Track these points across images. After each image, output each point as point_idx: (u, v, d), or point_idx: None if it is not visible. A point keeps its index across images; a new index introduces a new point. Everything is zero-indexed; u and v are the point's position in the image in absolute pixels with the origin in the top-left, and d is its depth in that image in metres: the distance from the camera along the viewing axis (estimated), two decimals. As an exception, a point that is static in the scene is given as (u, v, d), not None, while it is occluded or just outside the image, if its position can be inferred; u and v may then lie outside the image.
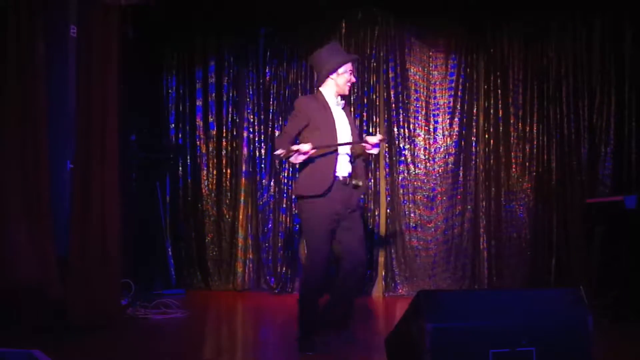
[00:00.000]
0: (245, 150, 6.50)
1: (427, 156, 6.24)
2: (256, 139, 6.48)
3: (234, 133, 6.58)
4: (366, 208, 6.22)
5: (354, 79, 3.87)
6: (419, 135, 6.27)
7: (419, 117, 6.28)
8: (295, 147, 3.58)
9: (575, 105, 6.00)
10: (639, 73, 5.84)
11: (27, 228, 3.98)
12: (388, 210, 6.21)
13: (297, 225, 6.17)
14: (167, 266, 6.39)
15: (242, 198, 6.45)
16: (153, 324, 4.53)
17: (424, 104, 6.27)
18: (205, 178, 6.59)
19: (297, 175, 3.69)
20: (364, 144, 3.80)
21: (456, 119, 6.22)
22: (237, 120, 6.58)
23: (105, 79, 4.38)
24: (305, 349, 3.60)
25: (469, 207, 6.14)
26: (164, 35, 6.62)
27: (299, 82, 6.43)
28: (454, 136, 6.22)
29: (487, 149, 6.15)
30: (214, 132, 6.59)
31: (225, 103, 6.60)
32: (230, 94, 6.61)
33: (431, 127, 6.26)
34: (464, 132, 6.20)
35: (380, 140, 3.83)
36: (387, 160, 6.24)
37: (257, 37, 6.54)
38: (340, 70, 3.78)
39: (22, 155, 4.00)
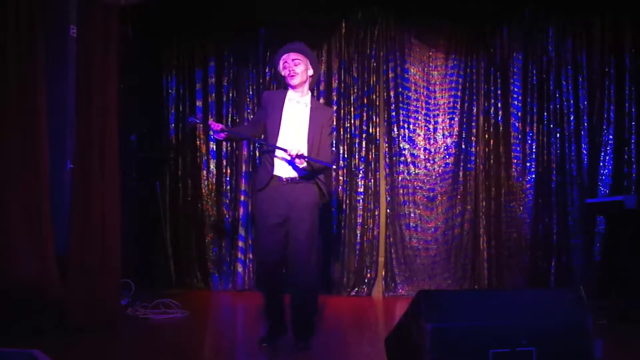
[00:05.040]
0: (245, 150, 6.50)
1: (427, 156, 6.24)
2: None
3: (234, 133, 6.57)
4: (366, 208, 6.22)
5: (289, 72, 3.76)
6: (419, 135, 6.26)
7: (419, 117, 6.27)
8: (209, 122, 3.70)
9: (576, 105, 6.01)
10: (639, 73, 5.85)
11: (27, 228, 3.97)
12: (388, 210, 6.21)
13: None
14: (166, 266, 6.39)
15: (242, 198, 6.45)
16: (153, 324, 4.53)
17: (424, 104, 6.27)
18: (205, 178, 6.59)
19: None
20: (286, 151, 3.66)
21: (456, 119, 6.22)
22: (237, 120, 6.58)
23: (105, 79, 4.37)
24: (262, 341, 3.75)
25: (468, 207, 6.14)
26: (164, 35, 6.62)
27: (299, 82, 6.42)
28: (454, 136, 6.22)
29: (487, 149, 6.15)
30: (214, 132, 6.58)
31: (225, 103, 6.60)
32: (230, 94, 6.61)
33: (431, 127, 6.26)
34: (464, 132, 6.20)
35: (293, 156, 3.57)
36: (387, 160, 6.24)
37: (257, 37, 6.54)
38: (280, 64, 3.82)
39: (22, 155, 3.99)
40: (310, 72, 3.82)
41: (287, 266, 3.75)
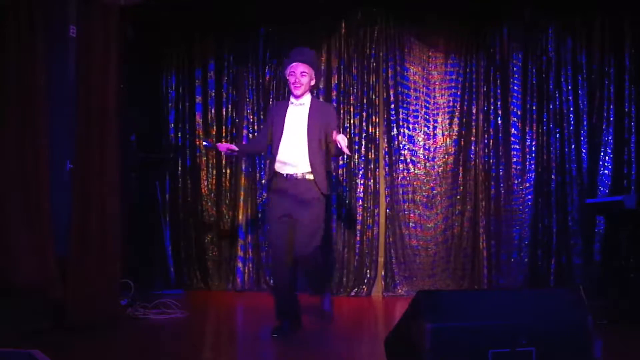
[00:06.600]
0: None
1: (426, 156, 6.24)
2: (256, 138, 6.47)
3: (234, 133, 6.58)
4: (366, 208, 6.22)
5: (295, 81, 4.05)
6: (418, 135, 6.26)
7: (419, 117, 6.27)
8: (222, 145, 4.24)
9: (575, 105, 6.01)
10: (639, 73, 5.85)
11: (27, 228, 3.98)
12: (387, 210, 6.21)
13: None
14: (166, 266, 6.39)
15: (242, 197, 6.45)
16: (153, 324, 4.53)
17: (423, 104, 6.27)
18: (205, 178, 6.59)
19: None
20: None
21: (456, 119, 6.22)
22: (237, 119, 6.58)
23: (105, 79, 4.37)
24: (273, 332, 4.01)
25: (468, 207, 6.14)
26: (164, 35, 6.62)
27: (299, 82, 6.42)
28: (454, 136, 6.22)
29: (487, 149, 6.15)
30: (214, 132, 6.59)
31: (225, 103, 6.60)
32: (230, 94, 6.61)
33: (431, 127, 6.26)
34: (463, 132, 6.20)
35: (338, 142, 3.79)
36: (387, 159, 6.24)
37: (257, 37, 6.54)
38: (288, 70, 4.11)
39: (22, 155, 4.00)
40: (313, 82, 4.16)
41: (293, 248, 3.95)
